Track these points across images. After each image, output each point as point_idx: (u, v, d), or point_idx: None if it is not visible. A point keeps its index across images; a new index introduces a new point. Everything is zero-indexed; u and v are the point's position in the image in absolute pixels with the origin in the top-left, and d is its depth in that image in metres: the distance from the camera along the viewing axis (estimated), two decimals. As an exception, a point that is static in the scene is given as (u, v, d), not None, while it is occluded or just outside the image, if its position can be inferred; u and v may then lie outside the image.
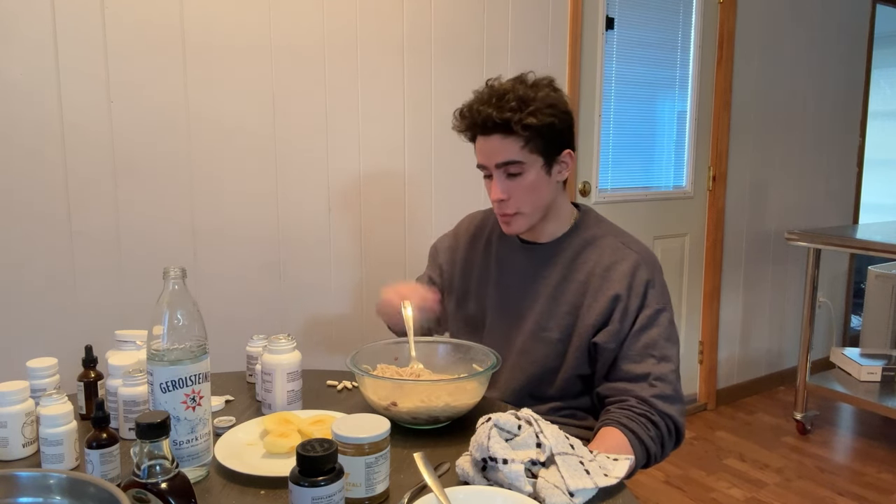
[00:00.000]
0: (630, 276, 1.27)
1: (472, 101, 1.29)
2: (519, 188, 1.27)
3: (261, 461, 0.99)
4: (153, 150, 1.76)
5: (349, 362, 1.13)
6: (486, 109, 1.24)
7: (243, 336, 1.62)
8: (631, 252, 1.30)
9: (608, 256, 1.30)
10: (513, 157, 1.25)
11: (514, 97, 1.23)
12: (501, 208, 1.30)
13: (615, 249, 1.31)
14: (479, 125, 1.26)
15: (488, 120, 1.24)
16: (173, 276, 0.92)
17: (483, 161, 1.29)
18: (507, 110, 1.22)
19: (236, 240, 1.90)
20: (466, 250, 1.48)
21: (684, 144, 3.03)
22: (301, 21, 1.94)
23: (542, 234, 1.36)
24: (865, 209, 3.95)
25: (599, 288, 1.28)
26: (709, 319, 3.19)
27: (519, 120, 1.22)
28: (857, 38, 3.64)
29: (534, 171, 1.27)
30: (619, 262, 1.29)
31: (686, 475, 2.60)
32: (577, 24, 2.52)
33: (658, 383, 1.21)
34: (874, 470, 2.66)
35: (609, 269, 1.29)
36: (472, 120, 1.27)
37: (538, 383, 1.32)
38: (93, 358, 1.15)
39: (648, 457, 1.18)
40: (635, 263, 1.28)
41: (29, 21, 1.58)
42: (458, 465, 0.94)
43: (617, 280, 1.27)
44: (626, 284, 1.26)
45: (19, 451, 1.00)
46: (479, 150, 1.29)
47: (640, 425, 1.17)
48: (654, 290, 1.28)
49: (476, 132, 1.29)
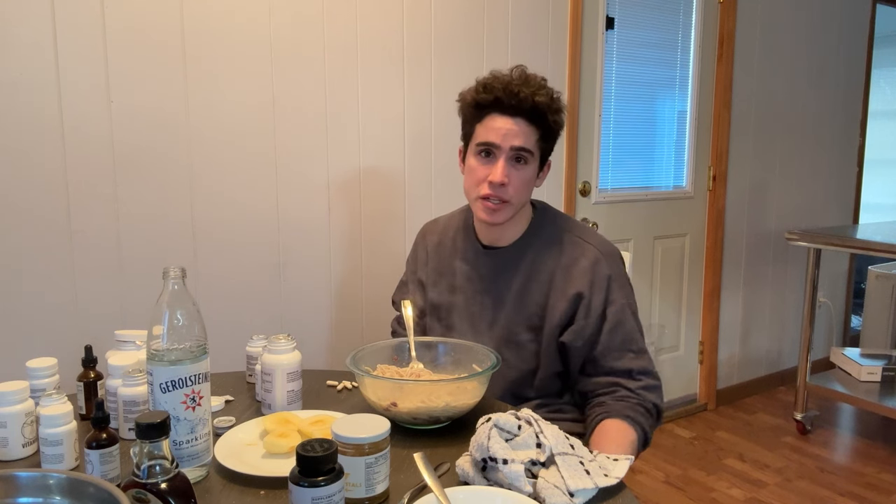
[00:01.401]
0: (591, 273, 1.27)
1: (503, 78, 1.24)
2: (518, 178, 1.26)
3: (261, 461, 0.99)
4: (153, 150, 1.76)
5: (349, 362, 1.12)
6: (525, 90, 1.21)
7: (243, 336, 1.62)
8: (590, 247, 1.30)
9: (568, 254, 1.30)
10: (529, 146, 1.24)
11: (549, 91, 1.24)
12: (498, 192, 1.25)
13: (574, 245, 1.30)
14: (510, 104, 1.22)
15: (525, 101, 1.21)
16: (173, 276, 0.92)
17: (497, 140, 1.24)
18: (545, 97, 1.22)
19: (236, 240, 1.90)
20: (436, 261, 1.45)
21: (684, 144, 3.02)
22: (301, 21, 1.94)
23: (503, 238, 1.35)
24: (865, 209, 3.95)
25: (562, 287, 1.28)
26: (709, 319, 3.19)
27: (553, 111, 1.23)
28: (857, 38, 3.64)
29: (533, 166, 1.28)
30: (578, 259, 1.28)
31: (686, 475, 2.60)
32: (577, 24, 2.52)
33: (642, 377, 1.25)
34: (874, 470, 2.66)
35: (570, 267, 1.28)
36: (502, 96, 1.23)
37: (518, 386, 1.33)
38: (93, 358, 1.15)
39: (646, 444, 1.22)
40: (595, 258, 1.28)
41: (29, 21, 1.58)
42: (458, 465, 0.94)
43: (578, 277, 1.27)
44: (587, 281, 1.26)
45: (19, 451, 1.00)
46: (495, 128, 1.24)
47: (641, 415, 1.21)
48: (617, 284, 1.28)
49: (496, 110, 1.24)
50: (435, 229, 1.49)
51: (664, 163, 2.99)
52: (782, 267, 3.49)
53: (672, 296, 3.07)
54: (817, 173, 3.57)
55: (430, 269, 1.45)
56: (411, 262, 1.52)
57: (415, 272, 1.49)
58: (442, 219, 1.52)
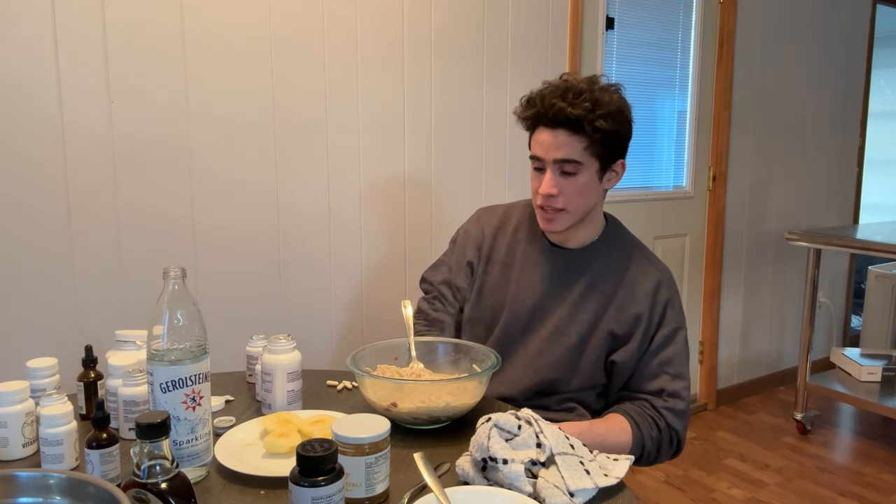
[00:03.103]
0: (653, 296, 1.29)
1: (544, 92, 1.26)
2: (570, 187, 1.27)
3: (261, 461, 0.99)
4: (153, 150, 1.76)
5: (349, 362, 1.12)
6: (559, 103, 1.22)
7: (243, 336, 1.62)
8: (655, 270, 1.33)
9: (633, 271, 1.32)
10: (573, 157, 1.25)
11: (590, 97, 1.23)
12: (549, 203, 1.27)
13: (640, 265, 1.33)
14: (547, 117, 1.24)
15: (560, 114, 1.22)
16: (173, 277, 0.92)
17: (541, 153, 1.27)
18: (580, 108, 1.22)
19: (236, 240, 1.90)
20: (490, 245, 1.44)
21: (684, 144, 3.02)
22: (301, 20, 1.94)
23: (573, 240, 1.35)
24: (865, 209, 3.95)
25: (623, 302, 1.29)
26: (709, 319, 3.19)
27: (591, 120, 1.22)
28: (857, 39, 3.64)
29: (588, 174, 1.27)
30: (643, 280, 1.31)
31: (686, 475, 2.60)
32: (577, 24, 2.52)
33: (670, 399, 1.25)
34: (874, 470, 2.66)
35: (634, 285, 1.30)
36: (542, 110, 1.25)
37: (549, 384, 1.33)
38: (93, 358, 1.15)
39: (642, 452, 1.23)
40: (658, 282, 1.31)
41: (29, 21, 1.58)
42: (458, 465, 0.94)
43: (641, 298, 1.29)
44: (648, 304, 1.28)
45: (19, 451, 1.00)
46: (539, 141, 1.27)
47: (646, 422, 1.23)
48: (673, 310, 1.30)
49: (540, 123, 1.26)
50: (494, 215, 1.48)
51: (664, 163, 2.99)
52: (782, 267, 3.49)
53: (672, 296, 3.07)
54: (817, 173, 3.57)
55: (483, 253, 1.44)
56: (461, 244, 1.48)
57: (464, 253, 1.46)
58: (500, 207, 1.50)
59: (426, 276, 1.52)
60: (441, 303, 1.46)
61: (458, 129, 2.28)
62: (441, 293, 1.46)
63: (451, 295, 1.45)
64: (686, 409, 1.27)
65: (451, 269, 1.47)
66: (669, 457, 1.28)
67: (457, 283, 1.45)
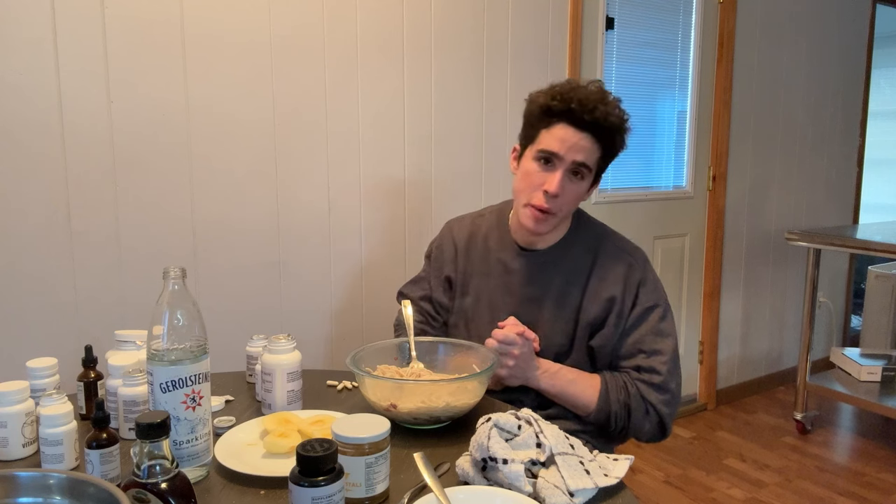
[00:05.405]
0: (625, 278, 1.30)
1: (581, 90, 1.22)
2: (572, 192, 1.27)
3: (261, 461, 0.99)
4: (153, 149, 1.76)
5: (349, 362, 1.12)
6: (601, 107, 1.20)
7: (243, 336, 1.62)
8: (625, 254, 1.33)
9: (603, 258, 1.32)
10: (589, 162, 1.25)
11: (622, 112, 1.23)
12: (548, 203, 1.25)
13: (610, 252, 1.33)
14: (581, 117, 1.20)
15: (599, 118, 1.20)
16: (173, 276, 0.92)
17: (561, 151, 1.23)
18: (617, 118, 1.23)
19: (236, 239, 1.90)
20: (464, 259, 1.43)
21: (684, 144, 3.02)
22: (301, 19, 1.94)
23: (542, 240, 1.35)
24: (865, 209, 3.95)
25: (596, 290, 1.30)
26: (709, 319, 3.19)
27: (622, 132, 1.24)
28: (857, 39, 3.64)
29: (587, 182, 1.29)
30: (615, 265, 1.31)
31: (686, 475, 2.60)
32: (577, 24, 2.52)
33: (645, 374, 1.26)
34: (874, 470, 2.66)
35: (605, 271, 1.31)
36: (577, 108, 1.20)
37: None
38: (93, 358, 1.15)
39: (609, 415, 1.24)
40: (629, 265, 1.31)
41: (29, 21, 1.58)
42: (458, 465, 0.94)
43: (612, 282, 1.29)
44: (621, 287, 1.29)
45: (19, 451, 1.00)
46: (561, 138, 1.22)
47: (616, 385, 1.25)
48: (645, 288, 1.30)
49: (566, 120, 1.22)
50: (463, 226, 1.47)
51: (664, 163, 2.99)
52: (782, 267, 3.49)
53: (672, 296, 3.07)
54: (817, 173, 3.57)
55: (459, 266, 1.43)
56: (436, 259, 1.48)
57: (440, 269, 1.46)
58: (468, 216, 1.50)
59: (405, 291, 1.51)
60: (423, 316, 1.45)
61: (457, 128, 2.28)
62: (423, 309, 1.46)
63: (432, 310, 1.46)
64: (664, 384, 1.24)
65: (431, 285, 1.47)
66: (651, 434, 1.26)
67: (438, 299, 1.45)
